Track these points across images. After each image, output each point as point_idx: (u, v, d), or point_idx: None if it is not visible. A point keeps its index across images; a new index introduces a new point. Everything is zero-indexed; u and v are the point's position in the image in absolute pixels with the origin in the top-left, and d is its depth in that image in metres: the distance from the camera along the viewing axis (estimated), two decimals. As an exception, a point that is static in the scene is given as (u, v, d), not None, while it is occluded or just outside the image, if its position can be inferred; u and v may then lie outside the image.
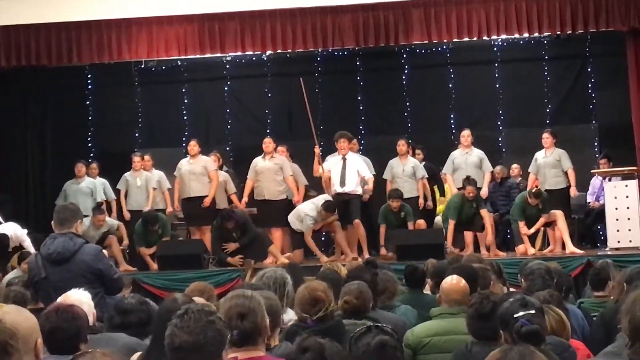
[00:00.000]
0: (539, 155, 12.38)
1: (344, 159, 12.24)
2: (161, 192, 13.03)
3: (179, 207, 12.69)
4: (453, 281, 5.50)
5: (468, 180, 11.92)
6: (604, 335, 5.27)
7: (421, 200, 12.56)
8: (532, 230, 11.68)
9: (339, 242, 12.07)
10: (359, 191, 12.29)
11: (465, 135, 12.70)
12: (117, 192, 13.30)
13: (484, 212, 11.91)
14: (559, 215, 11.54)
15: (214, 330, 3.09)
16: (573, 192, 12.20)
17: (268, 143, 12.51)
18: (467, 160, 12.56)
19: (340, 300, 5.26)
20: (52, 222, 6.14)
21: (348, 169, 12.18)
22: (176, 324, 3.08)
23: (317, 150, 12.45)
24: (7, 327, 3.00)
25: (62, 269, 5.90)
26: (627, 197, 11.34)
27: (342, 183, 12.16)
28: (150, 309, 5.14)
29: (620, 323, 3.52)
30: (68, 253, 5.92)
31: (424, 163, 13.12)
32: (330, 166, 12.34)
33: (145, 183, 13.03)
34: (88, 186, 13.16)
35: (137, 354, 4.13)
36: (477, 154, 12.64)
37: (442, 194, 13.34)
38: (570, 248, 11.39)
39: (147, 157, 13.30)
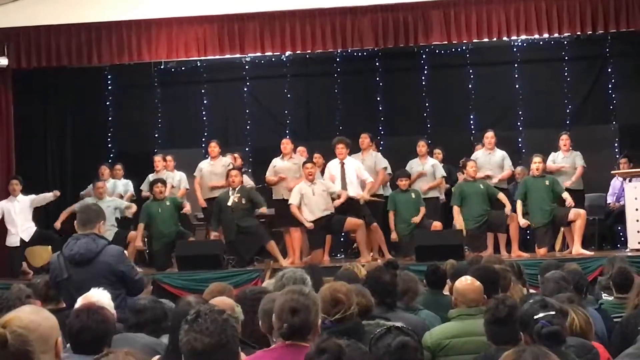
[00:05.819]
0: (557, 157, 12.36)
1: (342, 164, 12.22)
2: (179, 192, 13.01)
3: (204, 204, 12.67)
4: (467, 281, 5.48)
5: (466, 160, 12.14)
6: (622, 342, 5.22)
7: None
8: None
9: (359, 242, 12.04)
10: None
11: (489, 136, 12.72)
12: (139, 192, 13.37)
13: (501, 195, 11.91)
14: (581, 215, 11.47)
15: (231, 328, 3.10)
16: (573, 180, 12.20)
17: (286, 144, 12.55)
18: (490, 160, 12.57)
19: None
20: (75, 222, 6.17)
21: (347, 174, 12.16)
22: (192, 329, 3.05)
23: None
24: (20, 333, 2.95)
25: (84, 270, 5.90)
26: (647, 198, 11.25)
27: (344, 188, 12.12)
28: (164, 307, 5.17)
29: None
30: (90, 254, 5.93)
31: (442, 165, 13.13)
32: (333, 172, 12.32)
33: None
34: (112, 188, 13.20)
35: (156, 357, 4.13)
36: (500, 154, 12.65)
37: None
38: (578, 250, 11.34)
39: (169, 157, 13.33)
